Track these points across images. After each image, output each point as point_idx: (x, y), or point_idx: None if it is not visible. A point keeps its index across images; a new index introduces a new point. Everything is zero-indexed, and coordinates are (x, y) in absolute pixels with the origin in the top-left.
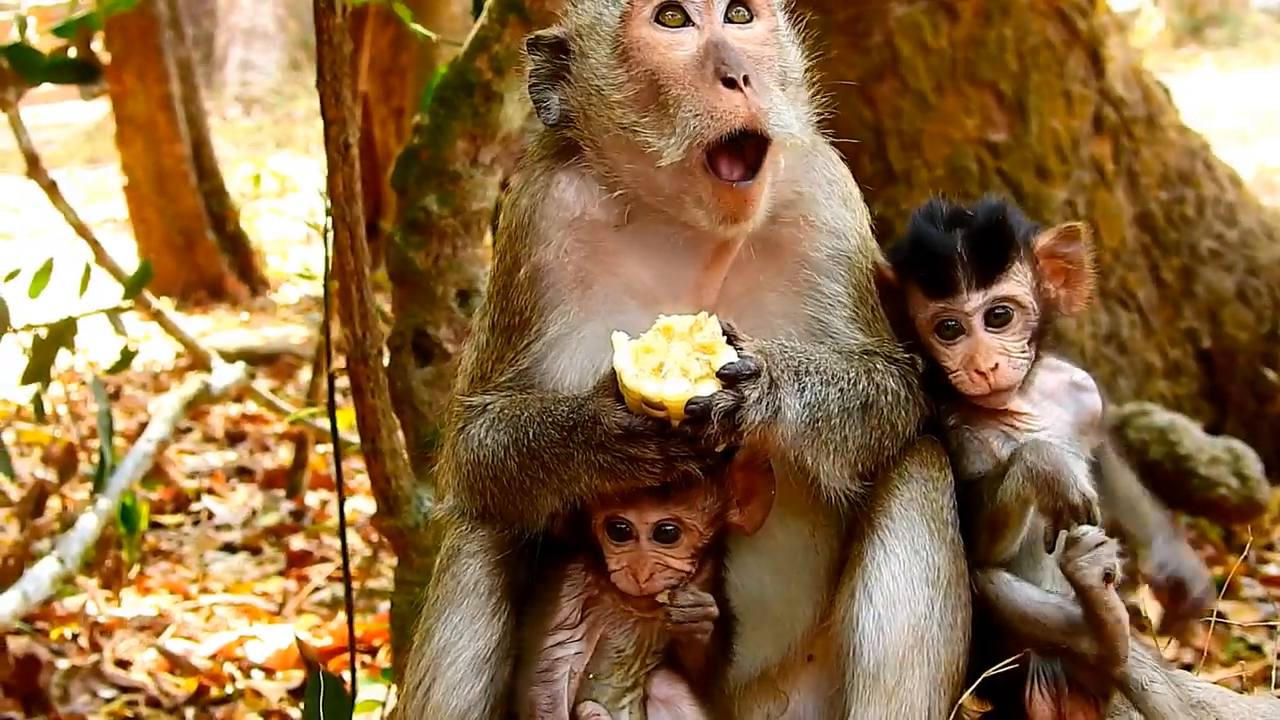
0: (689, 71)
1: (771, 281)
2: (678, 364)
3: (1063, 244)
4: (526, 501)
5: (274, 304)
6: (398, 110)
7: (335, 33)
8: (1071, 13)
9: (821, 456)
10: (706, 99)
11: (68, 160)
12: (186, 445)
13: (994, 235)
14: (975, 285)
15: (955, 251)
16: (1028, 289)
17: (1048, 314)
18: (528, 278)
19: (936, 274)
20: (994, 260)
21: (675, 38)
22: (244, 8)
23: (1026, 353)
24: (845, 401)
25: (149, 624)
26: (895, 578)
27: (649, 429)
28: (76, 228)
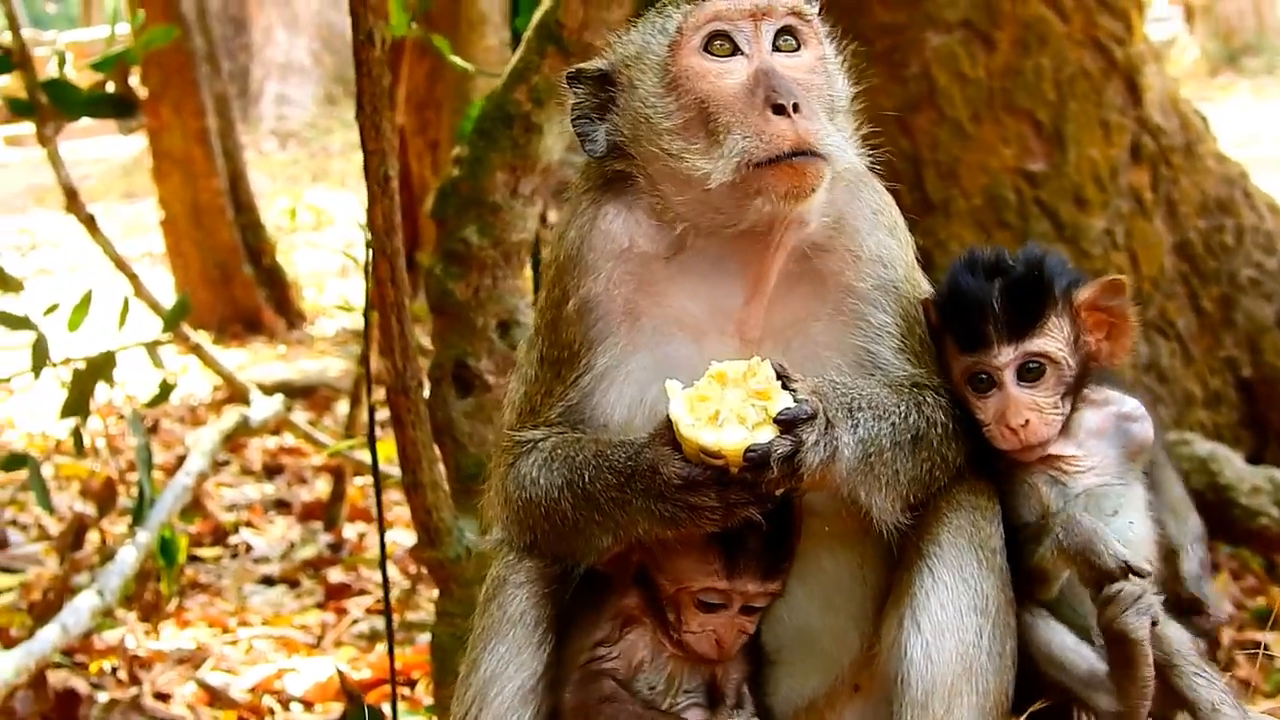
0: (738, 99)
1: (818, 312)
2: (734, 411)
3: (1105, 297)
4: (580, 540)
5: (311, 337)
6: (434, 143)
7: (374, 65)
8: (1108, 42)
9: (875, 491)
10: (755, 124)
11: (105, 195)
12: (225, 478)
13: (1029, 289)
14: (1007, 340)
15: (988, 305)
16: (1063, 344)
17: (1086, 367)
18: (576, 311)
19: (968, 327)
20: (1027, 315)
21: (724, 66)
22: (280, 43)
23: (1060, 408)
24: (897, 435)
25: (188, 657)
26: (944, 606)
27: (708, 478)
28: (115, 261)
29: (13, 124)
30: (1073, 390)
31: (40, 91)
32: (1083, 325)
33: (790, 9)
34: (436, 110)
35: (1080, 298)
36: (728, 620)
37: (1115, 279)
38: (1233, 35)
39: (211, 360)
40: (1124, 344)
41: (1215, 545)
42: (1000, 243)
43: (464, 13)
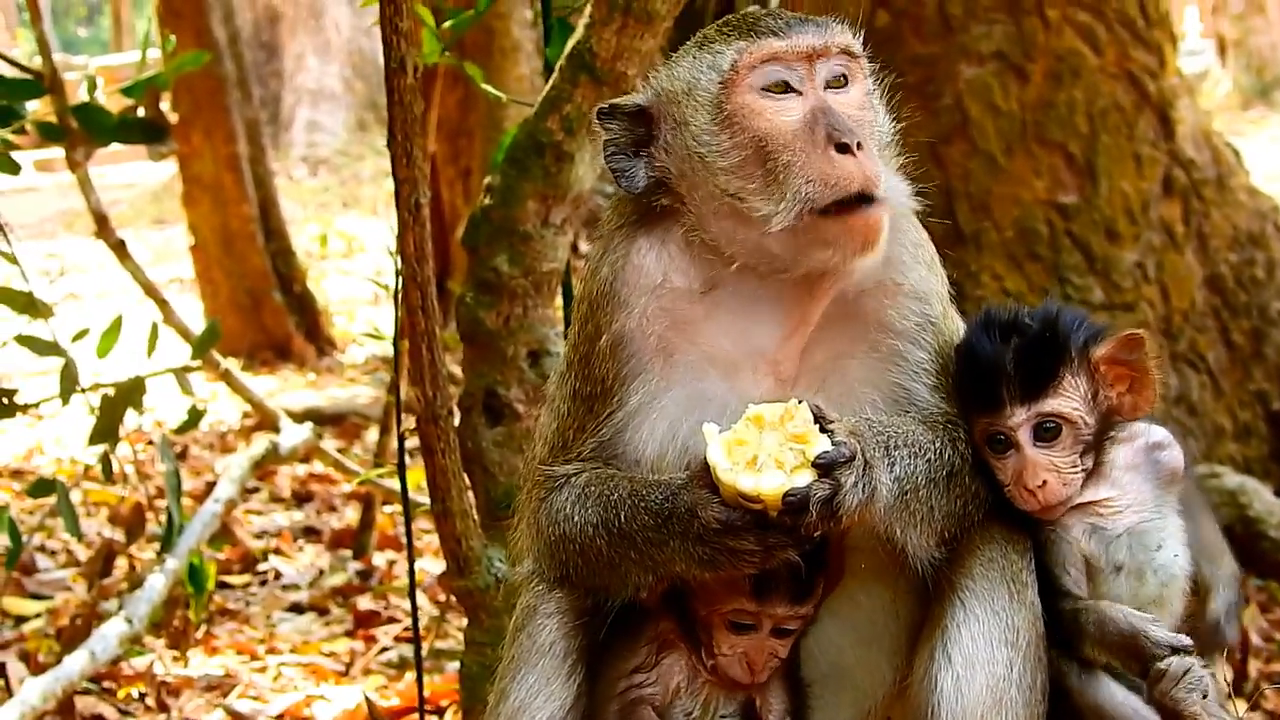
0: (798, 138)
1: (854, 349)
2: (771, 456)
3: (1124, 351)
4: (616, 576)
5: (341, 364)
6: (465, 171)
7: (406, 93)
8: (1141, 75)
9: (910, 528)
10: (818, 165)
11: (135, 220)
12: (254, 505)
13: (1042, 349)
14: (1020, 401)
15: (1001, 366)
16: (1079, 403)
17: (1108, 422)
18: (609, 346)
19: (982, 388)
20: (1040, 376)
21: (780, 104)
22: (311, 69)
23: (1079, 466)
24: (932, 472)
25: (216, 684)
26: (975, 639)
27: (747, 522)
28: (145, 287)
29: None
30: (1094, 446)
31: (70, 116)
32: (1102, 381)
33: (842, 48)
34: (469, 138)
35: (1098, 354)
36: (759, 642)
37: (1133, 334)
38: (1265, 69)
39: (241, 387)
40: (1147, 396)
41: (1245, 578)
42: (1031, 274)
43: (497, 41)
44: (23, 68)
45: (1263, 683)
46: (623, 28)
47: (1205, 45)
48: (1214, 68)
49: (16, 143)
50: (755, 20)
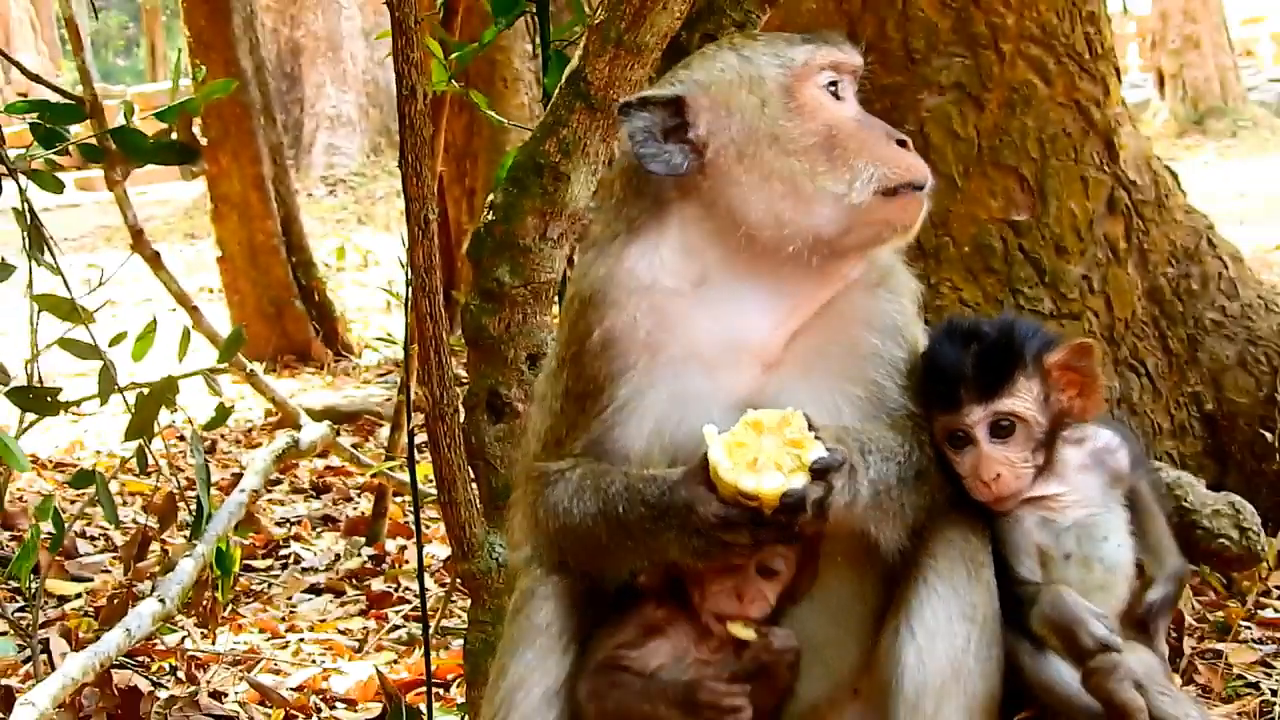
0: (861, 130)
1: (837, 342)
2: (771, 458)
3: (1074, 358)
4: (612, 562)
5: (356, 367)
6: (470, 191)
7: (417, 117)
8: (1088, 104)
9: (884, 525)
10: (885, 153)
11: (168, 235)
12: (276, 496)
13: (999, 354)
14: (978, 400)
15: (961, 369)
16: (1032, 403)
17: (1059, 422)
18: (600, 345)
19: (942, 390)
20: (997, 377)
21: (841, 104)
22: (330, 97)
23: (1031, 461)
24: (902, 473)
25: (241, 659)
26: (935, 613)
27: (744, 519)
28: (177, 296)
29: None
30: (1045, 445)
31: (109, 139)
32: (1054, 385)
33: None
34: (473, 161)
35: (1050, 360)
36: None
37: (1084, 342)
38: (1199, 100)
39: (265, 387)
40: (1095, 400)
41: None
42: (987, 286)
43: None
44: (66, 94)
45: (1196, 659)
46: (614, 59)
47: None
48: (1153, 98)
49: (60, 163)
50: (811, 33)
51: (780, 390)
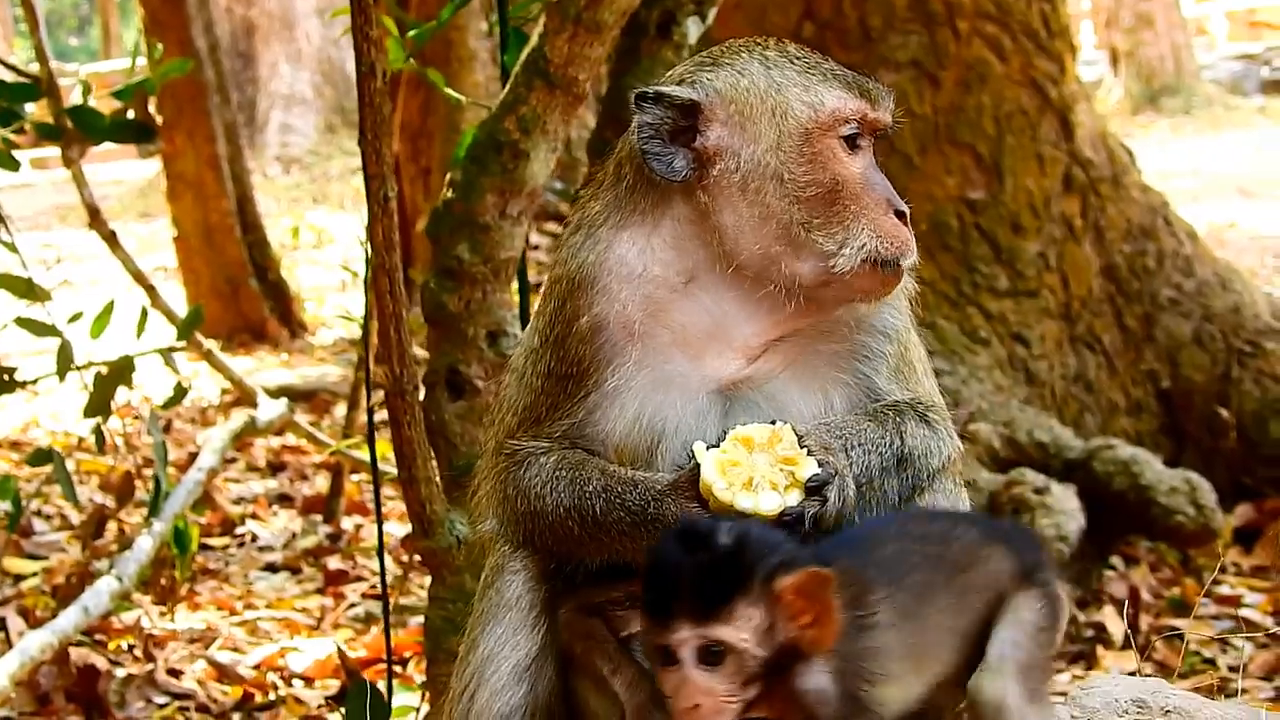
0: (866, 193)
1: (819, 339)
2: (765, 478)
3: (808, 587)
4: (581, 552)
5: (311, 346)
6: (425, 170)
7: (376, 95)
8: (1044, 82)
9: (866, 509)
10: (882, 224)
11: (123, 214)
12: (232, 474)
13: (721, 572)
14: (688, 620)
15: (677, 580)
16: (749, 633)
17: (784, 656)
18: (588, 330)
19: (655, 598)
20: (713, 599)
21: (853, 159)
22: (284, 76)
23: (737, 696)
24: (884, 463)
25: (198, 636)
26: None
27: None
28: (134, 275)
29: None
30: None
31: (66, 117)
32: (783, 613)
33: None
34: (428, 140)
35: (781, 585)
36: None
37: (819, 572)
38: (1153, 78)
39: (222, 366)
40: (828, 633)
41: (1136, 540)
42: (943, 264)
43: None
44: (21, 72)
45: (1152, 636)
46: (574, 36)
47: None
48: (1107, 76)
49: (16, 142)
50: (853, 76)
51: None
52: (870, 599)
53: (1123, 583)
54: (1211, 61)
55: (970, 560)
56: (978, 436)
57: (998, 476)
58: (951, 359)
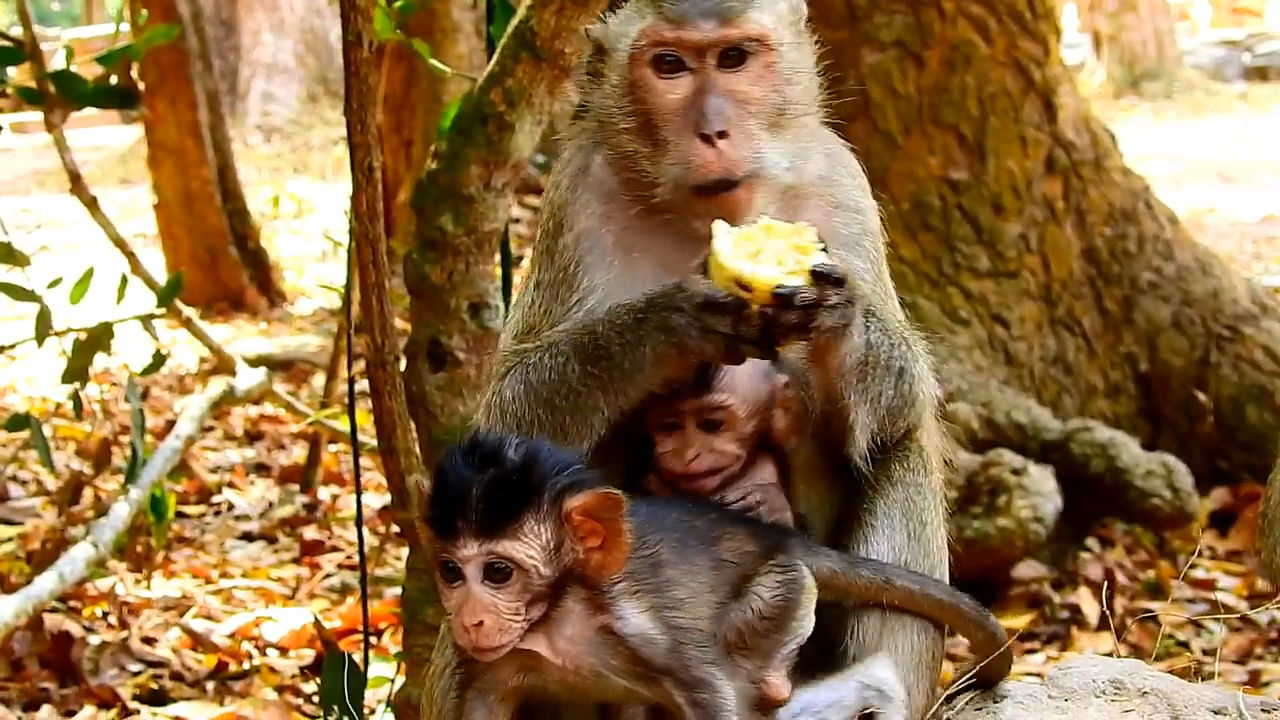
0: (676, 118)
1: None
2: (774, 253)
3: (600, 509)
4: (578, 417)
5: (290, 315)
6: (408, 141)
7: (362, 65)
8: (1028, 64)
9: (860, 401)
10: (685, 150)
11: (103, 180)
12: (209, 442)
13: (510, 488)
14: (474, 536)
15: (465, 495)
16: (536, 551)
17: (571, 576)
18: (574, 238)
19: (441, 513)
20: (500, 515)
21: (671, 83)
22: (266, 44)
23: (522, 615)
24: (891, 359)
25: (174, 605)
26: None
27: (730, 302)
28: (115, 241)
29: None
30: (545, 598)
31: (49, 82)
32: (570, 533)
33: (742, 37)
34: (411, 112)
35: (571, 505)
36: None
37: (610, 493)
38: (1135, 62)
39: (201, 334)
40: (615, 558)
41: (1112, 523)
42: (925, 244)
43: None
44: (3, 36)
45: (1128, 618)
46: (561, 9)
47: (1082, 39)
48: (1090, 59)
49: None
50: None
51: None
52: (649, 538)
53: (1099, 565)
54: (1194, 47)
55: (717, 535)
56: (956, 417)
57: (975, 457)
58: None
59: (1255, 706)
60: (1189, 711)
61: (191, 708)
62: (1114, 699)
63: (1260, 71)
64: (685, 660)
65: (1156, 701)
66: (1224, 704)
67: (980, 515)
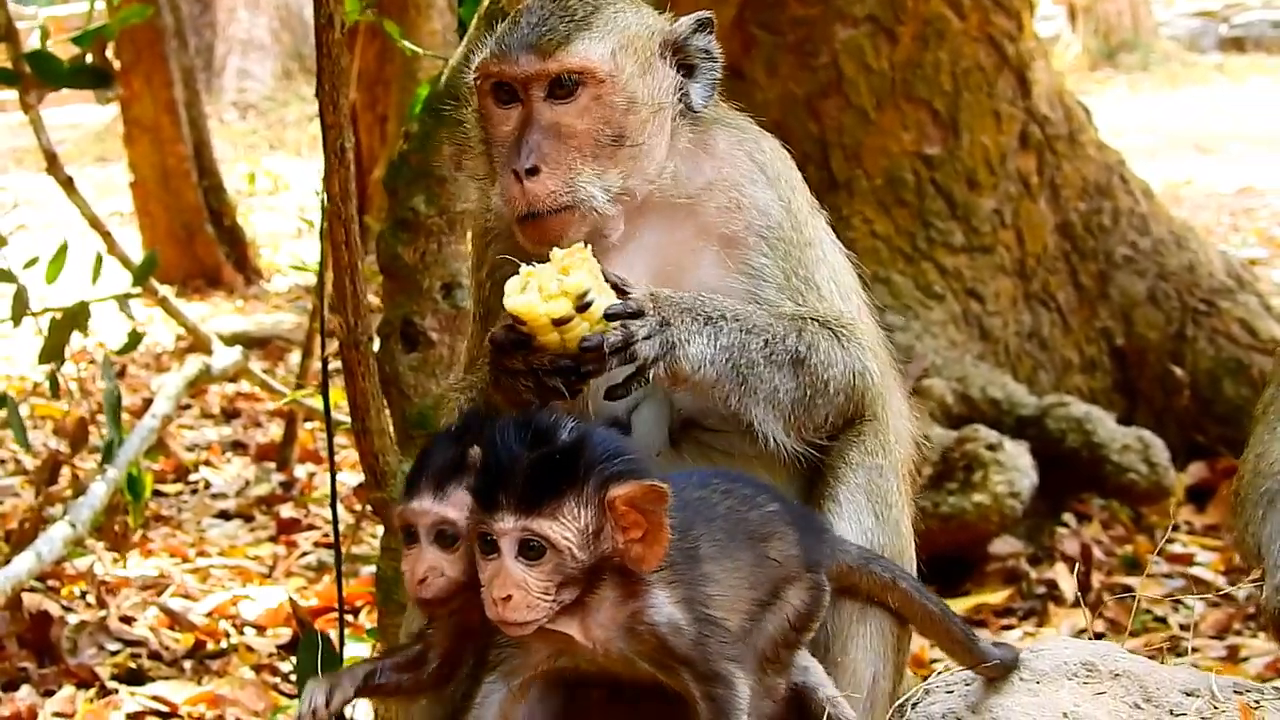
0: (502, 150)
1: (702, 257)
2: (538, 282)
3: (644, 500)
4: None
5: (266, 293)
6: (382, 118)
7: (334, 46)
8: (1001, 38)
9: (753, 405)
10: (504, 184)
11: (79, 159)
12: (186, 421)
13: (555, 467)
14: (513, 510)
15: (508, 469)
16: (574, 534)
17: (608, 563)
18: (488, 273)
19: (484, 484)
20: (542, 492)
21: (504, 114)
22: (242, 21)
23: (552, 596)
24: (773, 354)
25: (151, 584)
26: None
27: (506, 338)
28: (90, 220)
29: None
30: (578, 583)
31: (24, 62)
32: (612, 522)
33: (559, 70)
34: (385, 88)
35: (615, 493)
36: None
37: (656, 486)
38: (1111, 34)
39: (176, 312)
40: (655, 551)
41: (1088, 498)
42: (898, 219)
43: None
44: None
45: (1104, 594)
46: None
47: (1057, 11)
48: (1065, 32)
49: None
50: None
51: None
52: (692, 532)
53: (1075, 540)
54: (1169, 18)
55: (768, 532)
56: (931, 392)
57: (950, 432)
58: (906, 314)
59: (1228, 687)
60: (1161, 693)
61: (170, 687)
62: (1086, 681)
63: (1237, 42)
64: (707, 653)
65: (1129, 683)
66: (1196, 685)
67: (956, 491)
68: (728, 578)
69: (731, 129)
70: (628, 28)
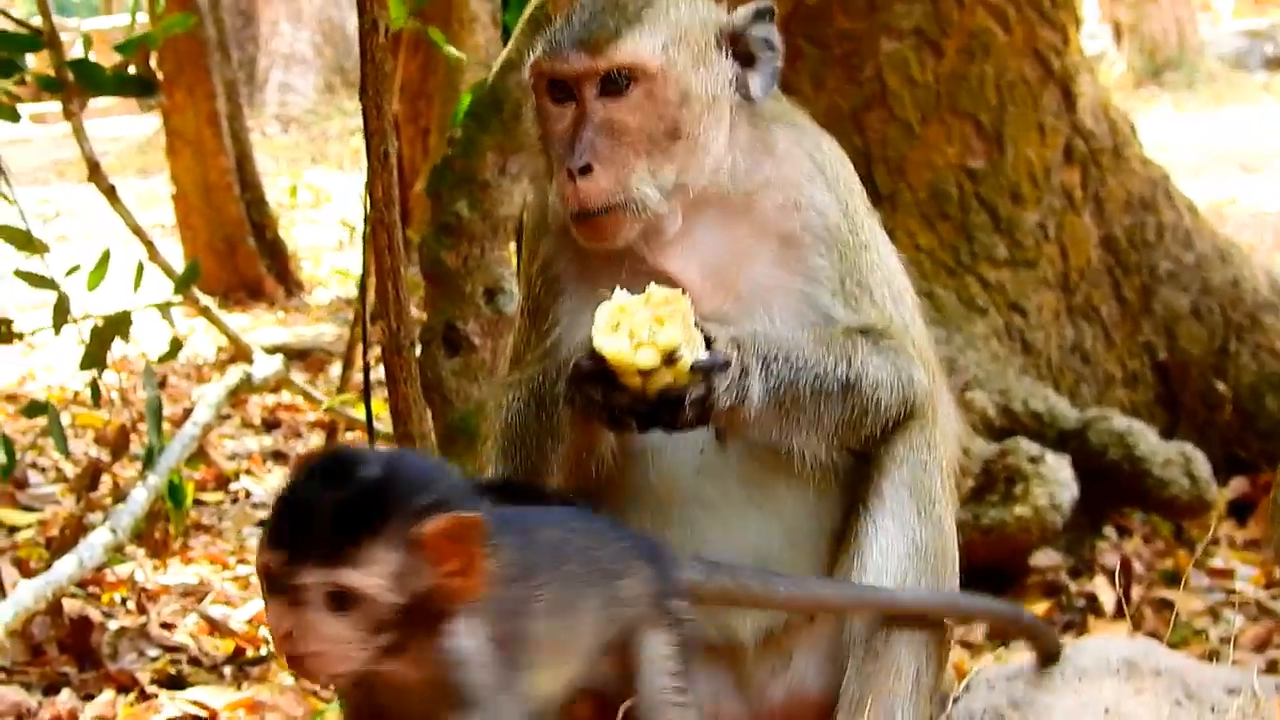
0: (559, 148)
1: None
2: (628, 326)
3: (453, 533)
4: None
5: (307, 305)
6: (424, 130)
7: (378, 51)
8: (1047, 52)
9: (794, 433)
10: (560, 182)
11: (122, 170)
12: (227, 430)
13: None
14: (314, 562)
15: (304, 515)
16: (385, 579)
17: (426, 604)
18: (538, 269)
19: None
20: (341, 541)
21: (560, 110)
22: (284, 35)
23: (367, 642)
24: (823, 385)
25: (191, 590)
26: (884, 552)
27: (591, 370)
28: (133, 229)
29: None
30: (394, 625)
31: (67, 70)
32: (425, 559)
33: (614, 66)
34: (428, 101)
35: (424, 530)
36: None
37: (466, 519)
38: (1156, 52)
39: (218, 322)
40: (474, 583)
41: (1130, 512)
42: (942, 233)
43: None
44: (23, 24)
45: (1144, 607)
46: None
47: (1103, 29)
48: (1110, 49)
49: (18, 94)
50: (556, 26)
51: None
52: (533, 581)
53: (1115, 553)
54: (1215, 37)
55: (620, 570)
56: (973, 405)
57: (992, 445)
58: (948, 327)
59: (1270, 686)
60: (1203, 690)
61: (209, 692)
62: (1128, 678)
63: None
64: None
65: (1170, 681)
66: (1238, 684)
67: (997, 503)
68: (565, 621)
69: (791, 127)
70: (680, 20)
